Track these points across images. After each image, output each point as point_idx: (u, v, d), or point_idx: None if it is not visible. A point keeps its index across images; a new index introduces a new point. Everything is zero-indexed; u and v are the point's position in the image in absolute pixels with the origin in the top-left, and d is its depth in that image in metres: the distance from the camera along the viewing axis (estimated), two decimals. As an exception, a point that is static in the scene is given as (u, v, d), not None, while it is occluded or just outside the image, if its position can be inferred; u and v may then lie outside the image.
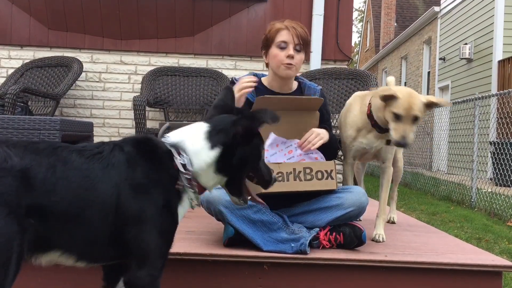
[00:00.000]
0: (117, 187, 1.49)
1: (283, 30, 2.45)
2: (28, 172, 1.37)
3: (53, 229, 1.44)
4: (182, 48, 5.14)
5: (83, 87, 5.14)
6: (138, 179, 1.52)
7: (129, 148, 1.56)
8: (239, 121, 1.63)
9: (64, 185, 1.43)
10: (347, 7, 5.21)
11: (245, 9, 5.14)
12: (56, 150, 1.48)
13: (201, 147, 1.61)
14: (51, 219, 1.42)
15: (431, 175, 9.42)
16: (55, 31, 5.09)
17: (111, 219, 1.49)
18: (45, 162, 1.42)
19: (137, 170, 1.53)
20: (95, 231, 1.50)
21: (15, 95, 3.83)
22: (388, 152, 2.62)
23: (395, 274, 2.23)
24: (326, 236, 2.34)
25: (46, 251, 1.47)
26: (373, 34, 26.07)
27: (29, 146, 1.44)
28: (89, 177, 1.47)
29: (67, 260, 1.52)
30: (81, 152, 1.51)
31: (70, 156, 1.48)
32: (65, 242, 1.48)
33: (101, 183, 1.48)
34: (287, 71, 2.47)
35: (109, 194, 1.48)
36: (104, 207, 1.48)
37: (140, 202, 1.51)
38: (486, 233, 4.84)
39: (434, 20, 15.94)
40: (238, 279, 2.22)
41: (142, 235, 1.52)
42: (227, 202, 2.25)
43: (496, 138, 8.67)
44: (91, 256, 1.56)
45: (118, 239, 1.51)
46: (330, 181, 2.35)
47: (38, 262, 1.49)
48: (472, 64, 12.84)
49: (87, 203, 1.46)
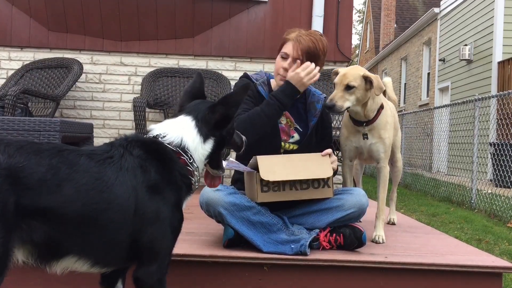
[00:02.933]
0: (134, 190, 1.52)
1: (289, 41, 2.45)
2: (18, 171, 1.34)
3: (67, 232, 1.43)
4: (182, 49, 5.14)
5: (83, 89, 5.14)
6: (153, 180, 1.57)
7: (138, 151, 1.59)
8: (216, 108, 1.71)
9: (71, 187, 1.41)
10: (347, 8, 5.21)
11: (245, 10, 5.14)
12: (62, 152, 1.46)
13: (197, 142, 1.69)
14: (62, 222, 1.40)
15: (431, 176, 9.42)
16: (55, 32, 5.09)
17: (130, 221, 1.52)
18: (46, 163, 1.40)
19: (151, 172, 1.57)
20: (113, 234, 1.51)
21: (15, 97, 3.83)
22: (380, 151, 2.61)
23: (395, 275, 2.22)
24: (326, 237, 2.34)
25: (61, 257, 1.46)
26: (373, 36, 26.09)
27: (27, 146, 1.42)
28: (102, 180, 1.47)
29: (82, 266, 1.52)
30: (91, 156, 1.50)
31: (78, 159, 1.47)
32: (81, 246, 1.48)
33: (116, 186, 1.49)
34: (279, 82, 2.49)
35: (126, 197, 1.50)
36: (123, 210, 1.50)
37: (156, 202, 1.56)
38: (486, 234, 4.84)
39: (434, 21, 15.95)
40: (238, 280, 2.22)
41: (157, 234, 1.58)
42: (227, 204, 2.25)
43: (496, 139, 8.67)
44: (106, 260, 1.57)
45: (134, 241, 1.54)
46: (327, 190, 2.34)
47: (53, 269, 1.48)
48: (472, 65, 12.84)
49: (103, 206, 1.47)
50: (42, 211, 1.37)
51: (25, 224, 1.36)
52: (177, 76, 4.99)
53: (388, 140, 2.62)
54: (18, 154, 1.37)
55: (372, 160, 2.71)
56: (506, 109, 7.43)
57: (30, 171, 1.37)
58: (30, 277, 2.15)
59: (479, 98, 7.23)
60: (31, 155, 1.40)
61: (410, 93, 18.65)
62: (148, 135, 1.69)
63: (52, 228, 1.39)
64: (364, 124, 2.55)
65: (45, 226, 1.38)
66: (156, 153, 1.62)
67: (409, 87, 18.86)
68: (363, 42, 29.72)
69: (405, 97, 19.37)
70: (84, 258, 1.50)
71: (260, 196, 2.26)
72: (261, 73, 2.65)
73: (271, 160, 2.29)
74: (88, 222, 1.45)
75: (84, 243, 1.48)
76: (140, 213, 1.53)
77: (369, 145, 2.59)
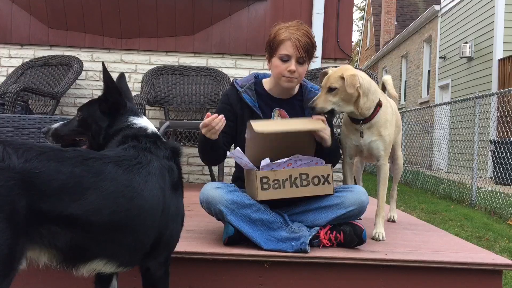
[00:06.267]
0: (162, 191, 1.58)
1: (286, 42, 2.37)
2: (33, 176, 1.34)
3: (95, 238, 1.44)
4: (182, 47, 5.13)
5: (83, 86, 5.14)
6: (175, 180, 1.67)
7: (164, 152, 1.67)
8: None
9: (97, 195, 1.42)
10: (348, 6, 5.21)
11: (245, 7, 5.13)
12: (87, 160, 1.46)
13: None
14: (89, 229, 1.41)
15: (431, 174, 9.42)
16: (55, 30, 5.09)
17: (158, 222, 1.56)
18: (67, 170, 1.40)
19: (174, 172, 1.67)
20: (143, 237, 1.55)
21: (15, 94, 3.83)
22: (380, 149, 2.61)
23: (396, 272, 2.23)
24: (326, 235, 2.34)
25: (89, 260, 1.48)
26: (373, 33, 26.06)
27: (49, 153, 1.41)
28: (132, 186, 1.50)
29: (110, 268, 1.55)
30: (119, 163, 1.52)
31: (104, 167, 1.47)
32: (110, 251, 1.50)
33: (146, 191, 1.52)
34: (288, 84, 2.45)
35: (156, 200, 1.55)
36: (153, 213, 1.55)
37: (176, 198, 1.66)
38: (486, 232, 4.85)
39: (434, 19, 15.93)
40: (238, 278, 2.22)
41: (176, 229, 1.68)
42: (227, 202, 2.25)
43: (497, 136, 8.67)
44: (132, 260, 1.60)
45: (158, 237, 1.59)
46: (327, 186, 2.34)
47: (80, 272, 1.50)
48: (473, 62, 12.83)
49: (134, 212, 1.49)
50: (65, 218, 1.38)
51: (45, 229, 1.37)
52: (177, 74, 4.99)
53: (388, 137, 2.62)
54: (36, 159, 1.37)
55: (372, 158, 2.70)
56: (507, 106, 7.43)
57: (48, 178, 1.36)
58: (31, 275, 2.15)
59: (480, 95, 7.22)
60: (52, 162, 1.39)
61: (410, 91, 18.64)
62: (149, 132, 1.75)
63: (78, 235, 1.40)
64: (361, 122, 2.55)
65: (70, 233, 1.39)
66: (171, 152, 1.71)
67: (409, 85, 18.85)
68: (364, 40, 29.69)
69: (406, 95, 19.36)
70: (112, 261, 1.53)
71: (260, 194, 2.26)
72: (248, 77, 2.60)
73: (265, 121, 2.43)
74: (118, 228, 1.47)
75: (113, 248, 1.50)
76: (166, 212, 1.59)
77: (368, 142, 2.59)
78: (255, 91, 2.54)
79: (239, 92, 2.52)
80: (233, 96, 2.53)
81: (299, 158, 2.34)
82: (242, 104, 2.51)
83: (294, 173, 2.30)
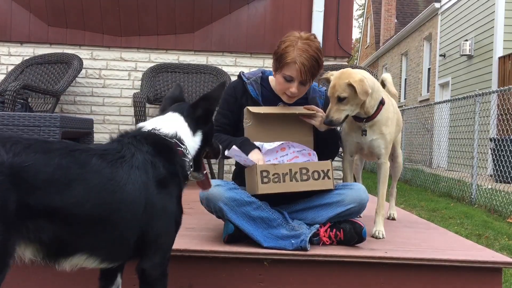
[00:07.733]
0: (145, 186, 1.55)
1: (292, 65, 2.33)
2: (22, 170, 1.33)
3: (77, 232, 1.43)
4: (182, 45, 5.13)
5: (83, 84, 5.13)
6: (162, 175, 1.61)
7: (148, 147, 1.63)
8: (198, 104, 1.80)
9: (82, 188, 1.41)
10: (347, 3, 5.20)
11: (245, 5, 5.13)
12: (73, 152, 1.45)
13: (189, 135, 1.76)
14: (71, 222, 1.40)
15: (431, 172, 9.42)
16: (55, 27, 5.08)
17: (140, 217, 1.54)
18: (54, 162, 1.39)
19: (160, 167, 1.62)
20: (124, 231, 1.53)
21: (15, 92, 3.83)
22: (381, 147, 2.62)
23: (395, 270, 2.23)
24: (326, 232, 2.35)
25: (70, 255, 1.47)
26: (373, 31, 26.03)
27: (36, 145, 1.40)
28: (115, 180, 1.48)
29: (92, 263, 1.53)
30: (103, 156, 1.51)
31: (90, 159, 1.47)
32: (91, 245, 1.49)
33: (128, 184, 1.51)
34: (288, 100, 2.49)
35: (138, 194, 1.53)
36: (134, 208, 1.52)
37: (163, 196, 1.61)
38: (486, 230, 4.85)
39: (434, 17, 15.91)
40: (238, 276, 2.22)
41: (164, 228, 1.62)
42: (227, 199, 2.25)
43: (497, 134, 8.67)
44: (115, 256, 1.59)
45: (142, 235, 1.56)
46: (327, 181, 2.34)
47: (62, 267, 1.49)
48: (473, 60, 12.82)
49: (115, 206, 1.48)
50: (50, 211, 1.37)
51: (32, 223, 1.36)
52: (177, 72, 4.98)
53: (389, 136, 2.62)
54: (24, 153, 1.35)
55: (373, 156, 2.71)
56: (507, 104, 7.42)
57: (36, 171, 1.35)
58: (28, 275, 2.15)
59: (480, 93, 7.22)
60: (39, 154, 1.38)
61: (410, 89, 18.63)
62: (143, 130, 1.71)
63: (60, 228, 1.39)
64: (364, 120, 2.55)
65: (53, 226, 1.38)
66: (162, 147, 1.66)
67: (409, 83, 18.83)
68: (364, 37, 29.66)
69: (406, 93, 19.35)
70: (94, 256, 1.51)
71: (260, 187, 2.26)
72: (256, 71, 2.64)
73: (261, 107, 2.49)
74: (99, 222, 1.46)
75: (94, 242, 1.49)
76: (150, 208, 1.56)
77: (369, 140, 2.59)
78: (261, 85, 2.57)
79: (245, 83, 2.54)
80: (239, 87, 2.57)
81: (292, 145, 2.44)
82: (247, 95, 2.54)
83: (294, 167, 2.31)
